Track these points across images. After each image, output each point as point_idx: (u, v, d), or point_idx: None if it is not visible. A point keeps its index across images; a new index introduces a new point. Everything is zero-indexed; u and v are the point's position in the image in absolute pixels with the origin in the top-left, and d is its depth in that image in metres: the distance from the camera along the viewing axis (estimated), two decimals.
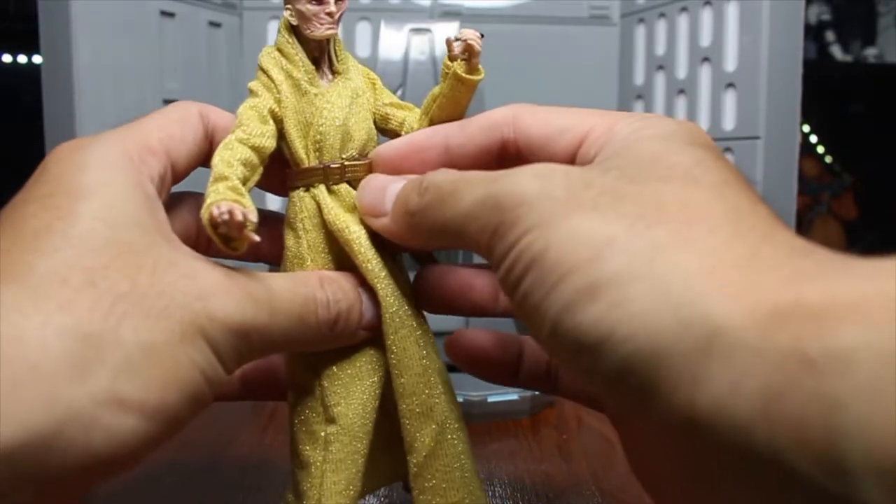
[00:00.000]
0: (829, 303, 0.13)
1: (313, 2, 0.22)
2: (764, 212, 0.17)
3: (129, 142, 0.22)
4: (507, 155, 0.23)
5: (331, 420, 0.23)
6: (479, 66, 0.23)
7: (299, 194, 0.24)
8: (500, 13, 0.67)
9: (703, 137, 0.20)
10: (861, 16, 1.43)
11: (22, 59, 1.08)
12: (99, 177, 0.20)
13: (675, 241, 0.16)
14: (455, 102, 0.23)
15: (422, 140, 0.23)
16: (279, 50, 0.23)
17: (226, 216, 0.19)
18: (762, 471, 0.13)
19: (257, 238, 0.20)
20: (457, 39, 0.22)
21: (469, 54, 0.22)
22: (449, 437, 0.23)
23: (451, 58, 0.23)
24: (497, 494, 0.33)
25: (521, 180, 0.18)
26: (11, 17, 1.02)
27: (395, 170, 0.23)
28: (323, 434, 0.23)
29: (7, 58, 1.08)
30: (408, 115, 0.24)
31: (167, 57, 0.58)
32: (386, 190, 0.22)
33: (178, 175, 0.24)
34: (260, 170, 0.23)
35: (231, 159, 0.21)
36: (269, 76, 0.23)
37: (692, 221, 0.16)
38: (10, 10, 1.02)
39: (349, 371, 0.24)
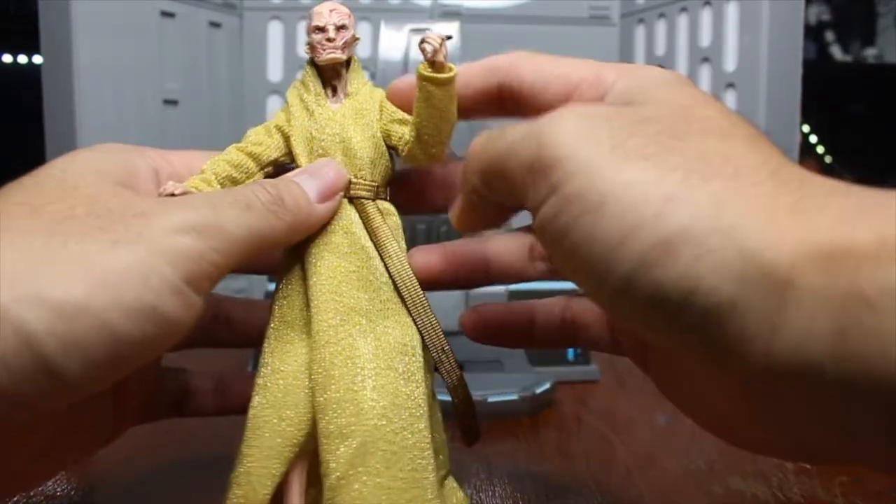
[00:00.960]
0: (879, 243, 0.14)
1: (316, 31, 0.24)
2: (790, 161, 0.18)
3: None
4: (504, 99, 0.24)
5: (256, 392, 0.23)
6: (448, 65, 0.23)
7: None
8: (500, 13, 0.67)
9: (694, 85, 0.21)
10: (861, 16, 1.43)
11: (22, 59, 1.08)
12: (83, 150, 0.22)
13: (731, 194, 0.16)
14: (429, 105, 0.23)
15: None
16: (301, 80, 0.25)
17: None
18: (832, 404, 0.14)
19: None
20: (423, 41, 0.23)
21: (434, 54, 0.23)
22: (376, 465, 0.21)
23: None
24: (497, 494, 0.33)
25: (564, 120, 0.19)
26: (11, 17, 1.03)
27: (407, 96, 0.24)
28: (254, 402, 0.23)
29: (7, 58, 1.08)
30: (407, 130, 0.25)
31: (167, 57, 0.58)
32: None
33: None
34: (257, 174, 0.25)
35: (218, 159, 0.24)
36: (287, 102, 0.25)
37: (738, 174, 0.16)
38: (10, 10, 1.02)
39: (289, 349, 0.24)
